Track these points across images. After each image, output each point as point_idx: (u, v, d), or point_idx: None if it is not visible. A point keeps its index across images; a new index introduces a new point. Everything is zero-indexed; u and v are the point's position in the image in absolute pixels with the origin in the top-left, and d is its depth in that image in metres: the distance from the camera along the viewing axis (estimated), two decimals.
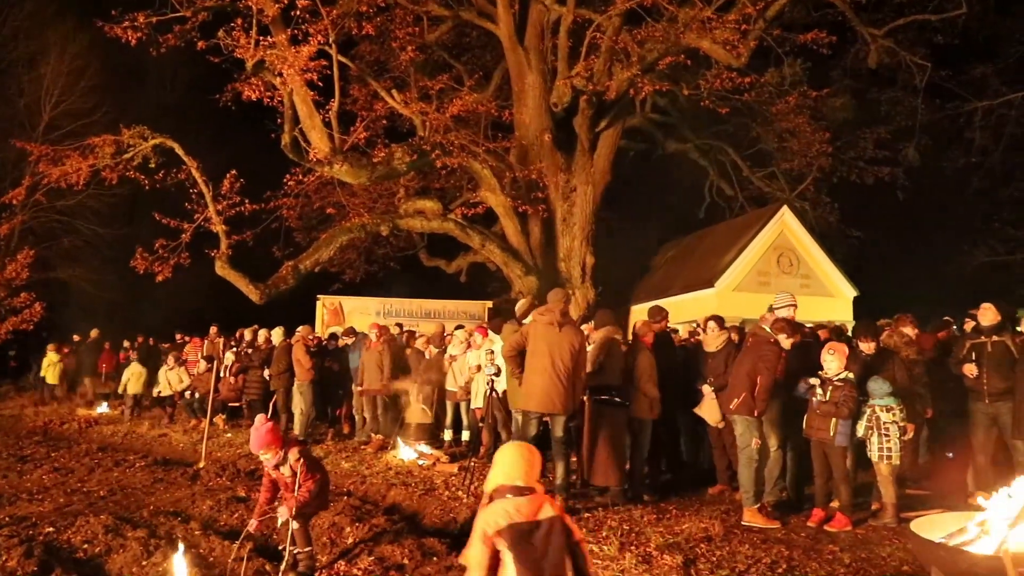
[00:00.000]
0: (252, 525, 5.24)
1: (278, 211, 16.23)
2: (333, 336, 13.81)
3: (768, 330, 6.58)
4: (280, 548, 5.06)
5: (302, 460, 5.18)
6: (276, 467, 5.20)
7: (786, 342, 6.51)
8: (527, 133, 15.17)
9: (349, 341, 12.26)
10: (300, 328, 12.32)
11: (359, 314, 18.29)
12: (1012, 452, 6.72)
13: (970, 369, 6.90)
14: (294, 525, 5.13)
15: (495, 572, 3.18)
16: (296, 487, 5.07)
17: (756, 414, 6.30)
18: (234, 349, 13.64)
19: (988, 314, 7.06)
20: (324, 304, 18.71)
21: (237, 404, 13.38)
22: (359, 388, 11.10)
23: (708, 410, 7.38)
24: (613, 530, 5.99)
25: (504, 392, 8.68)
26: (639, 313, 14.26)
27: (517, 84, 15.61)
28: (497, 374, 8.41)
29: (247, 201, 13.29)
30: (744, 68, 14.14)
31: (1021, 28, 18.79)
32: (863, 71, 18.20)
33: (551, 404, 6.63)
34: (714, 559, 5.20)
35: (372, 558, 5.45)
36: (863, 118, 19.61)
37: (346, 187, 16.29)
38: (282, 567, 4.64)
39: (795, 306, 7.05)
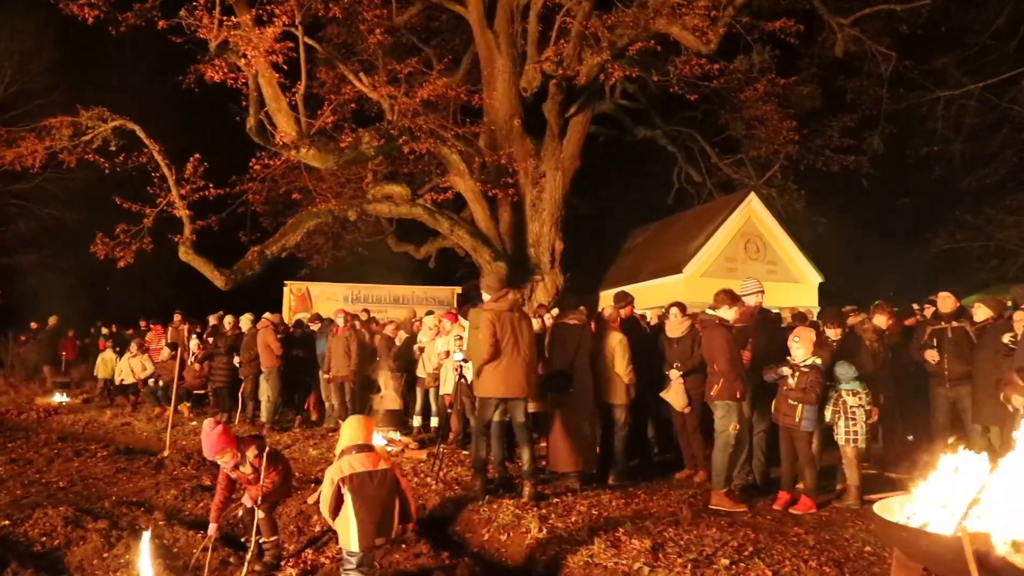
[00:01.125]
0: (212, 529, 5.08)
1: (244, 196, 15.92)
2: (299, 323, 13.65)
3: (711, 313, 6.61)
4: (244, 540, 4.98)
5: (261, 455, 5.05)
6: (235, 467, 5.06)
7: (728, 312, 6.54)
8: (496, 118, 15.06)
9: (316, 327, 12.12)
10: (267, 314, 12.16)
11: (327, 300, 18.13)
12: (971, 435, 6.87)
13: (931, 355, 7.03)
14: (259, 515, 5.06)
15: (338, 510, 4.38)
16: (263, 479, 4.99)
17: (739, 396, 6.34)
18: (199, 336, 13.42)
19: (947, 301, 7.20)
20: (291, 290, 18.51)
21: (203, 392, 13.18)
22: (327, 375, 11.00)
23: (674, 395, 7.43)
24: (582, 515, 6.01)
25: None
26: (608, 299, 14.29)
27: (487, 68, 15.48)
28: (466, 360, 8.36)
29: (211, 186, 13.03)
30: (713, 55, 14.18)
31: (982, 20, 19.08)
32: (830, 60, 18.37)
33: (509, 389, 6.71)
34: (682, 543, 5.23)
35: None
36: (829, 106, 19.85)
37: (313, 172, 16.04)
38: (248, 557, 4.58)
39: (762, 292, 7.11)
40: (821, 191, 20.83)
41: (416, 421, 10.48)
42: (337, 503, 4.41)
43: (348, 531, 4.35)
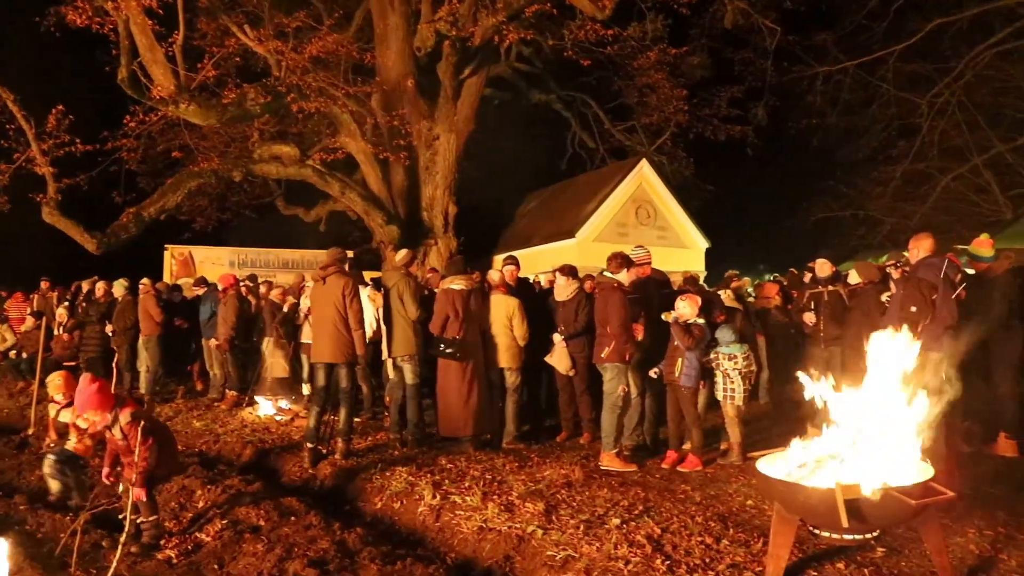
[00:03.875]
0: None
1: (117, 153, 14.88)
2: (177, 288, 12.95)
3: (609, 276, 6.71)
4: (120, 517, 4.68)
5: (135, 422, 4.76)
6: (107, 429, 4.78)
7: (624, 276, 6.67)
8: (389, 78, 14.65)
9: (200, 292, 11.52)
10: (145, 280, 11.45)
11: (211, 264, 17.32)
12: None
13: (809, 317, 7.40)
14: (138, 492, 4.76)
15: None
16: (136, 452, 4.69)
17: (628, 359, 6.45)
18: (68, 303, 12.51)
19: (824, 267, 7.59)
20: (173, 254, 17.57)
21: (73, 363, 12.31)
22: (213, 342, 10.52)
23: (558, 359, 7.51)
24: (476, 480, 6.00)
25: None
26: (501, 263, 14.31)
27: (379, 26, 14.99)
28: None
29: (78, 141, 12.07)
30: (607, 21, 14.25)
31: (857, 0, 20.04)
32: (719, 31, 18.89)
33: (329, 354, 6.87)
34: (575, 504, 5.31)
35: (225, 521, 5.17)
36: (718, 77, 20.48)
37: (195, 129, 15.18)
38: (122, 539, 4.28)
39: (648, 263, 7.27)
40: (709, 159, 21.56)
41: (306, 389, 10.17)
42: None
43: None
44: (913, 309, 5.59)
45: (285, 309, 10.31)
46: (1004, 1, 18.52)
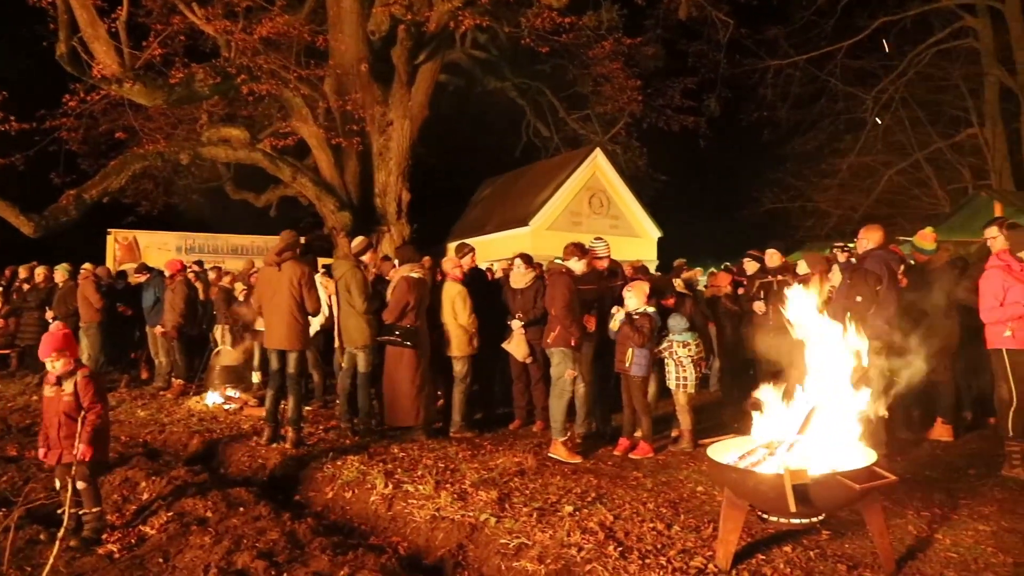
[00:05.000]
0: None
1: (56, 133, 14.32)
2: (122, 274, 12.58)
3: (559, 263, 6.76)
4: (59, 511, 4.52)
5: (91, 380, 4.69)
6: (59, 381, 4.64)
7: (577, 265, 6.71)
8: (343, 61, 14.39)
9: (143, 279, 11.20)
10: (86, 265, 11.08)
11: (157, 249, 16.88)
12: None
13: (759, 306, 7.53)
14: (80, 485, 4.59)
15: None
16: (87, 409, 4.57)
17: (574, 344, 6.47)
18: (3, 289, 12.05)
19: (774, 257, 7.73)
20: (116, 238, 17.03)
21: (7, 351, 11.90)
22: (159, 329, 10.25)
23: (516, 346, 7.52)
24: (428, 468, 5.98)
25: (315, 332, 8.37)
26: (455, 251, 14.25)
27: (333, 8, 14.68)
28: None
29: (12, 118, 11.58)
30: (564, 9, 14.23)
31: None
32: (674, 23, 19.07)
33: (281, 341, 6.85)
34: (527, 492, 5.33)
35: (171, 514, 5.05)
36: (672, 68, 20.70)
37: (140, 110, 14.70)
38: (60, 534, 4.13)
39: (608, 256, 7.33)
40: (662, 149, 21.77)
41: (255, 377, 10.00)
42: None
43: None
44: (859, 299, 5.73)
45: (239, 297, 10.09)
46: (943, 3, 19.11)
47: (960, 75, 20.15)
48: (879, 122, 20.94)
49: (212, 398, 9.13)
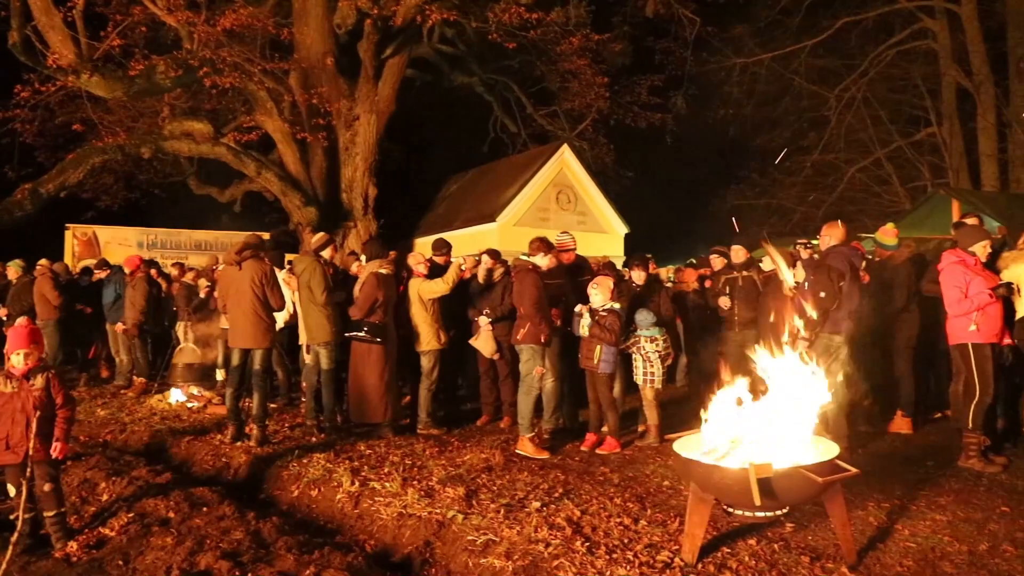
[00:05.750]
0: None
1: (10, 125, 13.96)
2: (87, 271, 12.30)
3: (525, 259, 6.76)
4: (12, 517, 4.38)
5: (58, 377, 4.55)
6: (27, 377, 4.43)
7: (543, 260, 6.72)
8: (308, 55, 14.23)
9: (103, 275, 10.96)
10: (42, 261, 10.81)
11: (117, 245, 16.53)
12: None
13: (724, 301, 7.60)
14: (46, 487, 4.43)
15: None
16: (58, 403, 4.44)
17: (543, 340, 6.47)
18: None
19: (739, 253, 7.81)
20: (75, 234, 16.67)
21: None
22: (119, 327, 10.05)
23: (483, 342, 7.50)
24: (395, 465, 5.95)
25: (280, 328, 8.27)
26: (422, 246, 14.24)
27: (298, 1, 14.52)
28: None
29: None
30: (531, 5, 14.21)
31: None
32: (641, 20, 19.18)
33: (244, 339, 6.81)
34: (495, 488, 5.32)
35: (132, 515, 4.94)
36: (639, 65, 20.81)
37: (98, 102, 14.38)
38: (13, 538, 4.00)
39: (573, 249, 7.34)
40: (629, 146, 21.90)
41: (219, 375, 9.85)
42: None
43: None
44: (822, 295, 5.81)
45: (202, 294, 9.93)
46: (903, 4, 19.49)
47: (919, 75, 20.56)
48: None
49: (175, 396, 8.98)
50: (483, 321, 7.46)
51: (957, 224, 6.75)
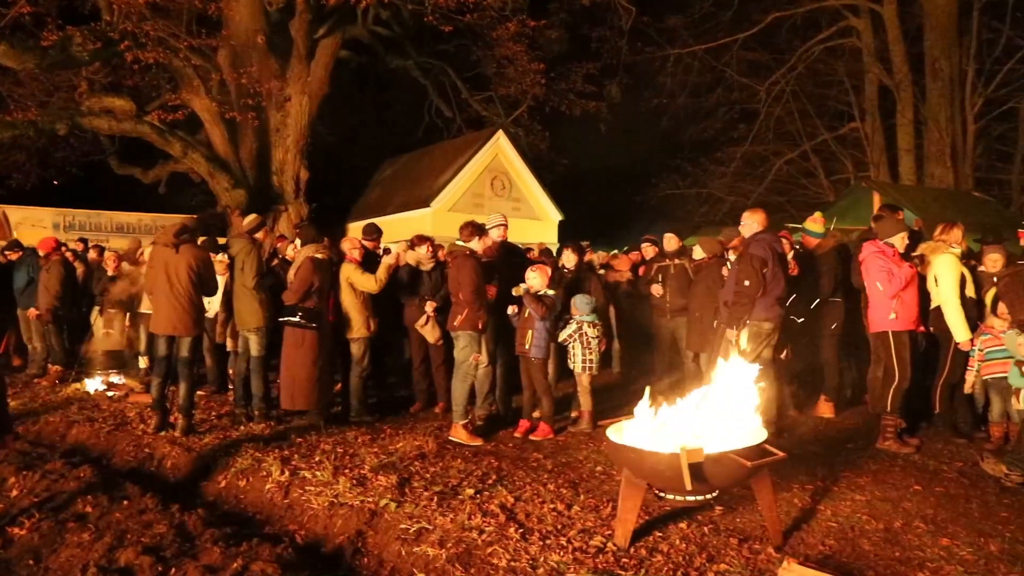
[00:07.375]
0: None
1: None
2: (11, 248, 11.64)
3: (461, 244, 6.71)
4: None
5: None
6: None
7: (477, 244, 6.68)
8: (238, 32, 13.76)
9: (14, 257, 10.40)
10: None
11: (31, 227, 15.69)
12: (683, 360, 7.69)
13: (656, 289, 7.71)
14: None
15: None
16: None
17: (480, 327, 6.44)
18: None
19: (671, 241, 7.94)
20: None
21: None
22: (32, 312, 9.56)
23: (429, 329, 7.43)
24: (327, 454, 5.84)
25: (215, 315, 8.02)
26: (355, 231, 14.01)
27: None
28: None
29: None
30: None
31: None
32: (578, 7, 19.22)
33: (172, 327, 6.62)
34: (428, 476, 5.28)
35: (45, 511, 4.71)
36: (575, 52, 20.86)
37: (8, 73, 13.59)
38: None
39: (505, 226, 7.29)
40: (564, 133, 21.98)
41: (142, 363, 9.48)
42: None
43: None
44: (747, 283, 5.93)
45: (114, 274, 9.50)
46: (830, 2, 20.09)
47: (844, 72, 21.24)
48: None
49: (93, 385, 8.61)
50: (429, 308, 7.37)
51: (877, 216, 7.02)
